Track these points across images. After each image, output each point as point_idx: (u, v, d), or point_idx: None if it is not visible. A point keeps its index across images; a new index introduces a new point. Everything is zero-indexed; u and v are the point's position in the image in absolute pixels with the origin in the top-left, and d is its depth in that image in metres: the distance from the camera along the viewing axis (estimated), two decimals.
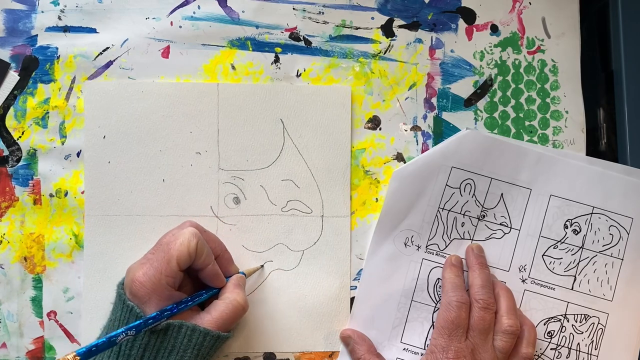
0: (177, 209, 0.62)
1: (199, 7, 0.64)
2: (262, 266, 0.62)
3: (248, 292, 0.61)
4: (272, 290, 0.62)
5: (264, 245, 0.62)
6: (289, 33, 0.64)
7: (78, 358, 0.47)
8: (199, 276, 0.56)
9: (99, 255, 0.61)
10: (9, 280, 0.61)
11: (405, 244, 0.62)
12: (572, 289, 0.62)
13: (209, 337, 0.53)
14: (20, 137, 0.62)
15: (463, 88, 0.65)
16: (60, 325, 0.61)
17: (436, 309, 0.61)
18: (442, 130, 0.64)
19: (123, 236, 0.61)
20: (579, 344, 0.62)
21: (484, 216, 0.62)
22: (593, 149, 0.65)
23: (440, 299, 0.61)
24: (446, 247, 0.62)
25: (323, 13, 0.64)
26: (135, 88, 0.62)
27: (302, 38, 0.64)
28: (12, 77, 0.62)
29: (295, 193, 0.62)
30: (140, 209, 0.61)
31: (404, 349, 0.61)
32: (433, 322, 0.61)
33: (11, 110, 0.62)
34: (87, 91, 0.62)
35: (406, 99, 0.64)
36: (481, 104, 0.65)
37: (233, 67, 0.63)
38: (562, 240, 0.62)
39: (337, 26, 0.64)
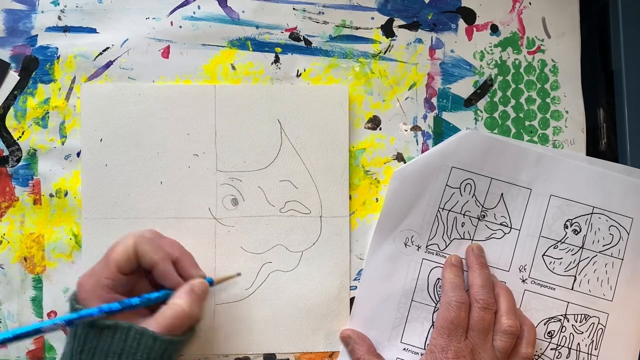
0: (175, 212, 0.61)
1: (199, 7, 0.64)
2: (238, 274, 0.60)
3: (247, 295, 0.62)
4: (271, 291, 0.62)
5: (262, 247, 0.62)
6: (289, 33, 0.64)
7: None
8: (155, 279, 0.56)
9: (97, 259, 0.61)
10: (9, 281, 0.61)
11: (405, 244, 0.62)
12: (572, 289, 0.62)
13: (159, 342, 0.51)
14: (20, 137, 0.62)
15: (463, 88, 0.65)
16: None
17: (436, 309, 0.61)
18: (442, 130, 0.64)
19: None
20: (579, 344, 0.62)
21: (484, 216, 0.62)
22: (593, 149, 0.65)
23: (440, 299, 0.61)
24: (446, 247, 0.62)
25: (323, 13, 0.64)
26: (132, 91, 0.62)
27: (302, 38, 0.64)
28: (12, 77, 0.62)
29: (293, 194, 0.62)
30: (138, 211, 0.61)
31: (404, 349, 0.61)
32: (433, 322, 0.61)
33: (11, 110, 0.62)
34: (84, 94, 0.62)
35: (406, 99, 0.64)
36: (481, 104, 0.65)
37: (233, 67, 0.63)
38: (562, 240, 0.62)
39: (337, 26, 0.64)
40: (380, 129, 0.64)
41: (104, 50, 0.63)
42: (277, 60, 0.64)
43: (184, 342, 0.54)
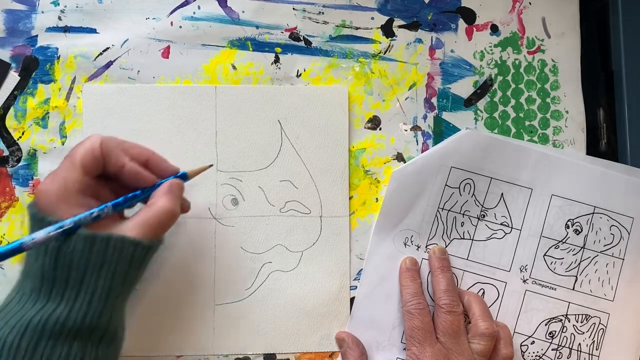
0: None
1: (199, 7, 0.64)
2: (210, 165, 0.58)
3: (247, 295, 0.61)
4: (271, 291, 0.62)
5: (262, 247, 0.62)
6: (289, 33, 0.64)
7: None
8: (124, 184, 0.53)
9: None
10: (9, 281, 0.61)
11: (405, 244, 0.62)
12: (573, 289, 0.62)
13: (141, 248, 0.50)
14: (20, 137, 0.62)
15: (463, 88, 0.65)
16: None
17: None
18: (442, 130, 0.64)
19: None
20: (580, 344, 0.61)
21: (483, 216, 0.62)
22: (593, 149, 0.65)
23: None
24: (446, 247, 0.62)
25: (323, 13, 0.64)
26: (133, 92, 0.62)
27: (302, 38, 0.64)
28: (13, 78, 0.62)
29: (293, 194, 0.62)
30: None
31: (404, 349, 0.61)
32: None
33: (11, 111, 0.62)
34: (85, 94, 0.62)
35: (406, 99, 0.64)
36: (481, 103, 0.65)
37: (234, 67, 0.63)
38: (564, 240, 0.62)
39: (337, 26, 0.64)
40: (380, 129, 0.64)
41: (104, 51, 0.63)
42: (277, 60, 0.64)
43: (159, 245, 0.53)
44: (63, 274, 0.48)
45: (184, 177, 0.56)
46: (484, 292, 0.62)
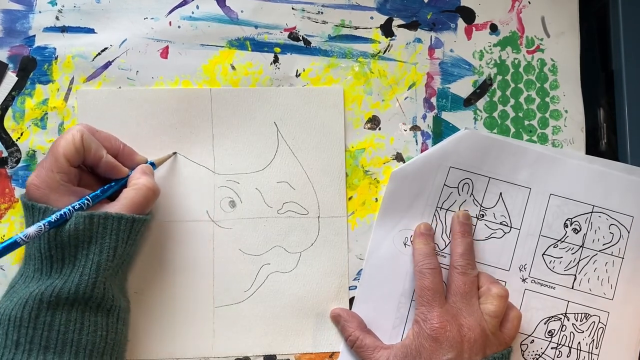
0: (173, 215, 0.61)
1: (197, 7, 0.63)
2: (174, 153, 0.62)
3: (247, 296, 0.61)
4: (270, 292, 0.62)
5: (260, 248, 0.62)
6: (288, 33, 0.64)
7: None
8: (99, 173, 0.57)
9: None
10: (9, 281, 0.60)
11: (405, 244, 0.62)
12: (572, 288, 0.62)
13: (124, 221, 0.54)
14: (19, 138, 0.61)
15: (462, 88, 0.65)
16: None
17: None
18: (441, 130, 0.64)
19: None
20: (579, 342, 0.62)
21: (482, 215, 0.62)
22: (594, 149, 0.65)
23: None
24: (446, 246, 0.62)
25: (322, 13, 0.64)
26: (126, 96, 0.62)
27: (301, 38, 0.64)
28: (10, 78, 0.62)
29: (290, 195, 0.62)
30: None
31: None
32: None
33: (9, 112, 0.62)
34: (80, 99, 0.62)
35: (405, 98, 0.64)
36: (480, 103, 0.65)
37: (233, 68, 0.63)
38: (562, 239, 0.62)
39: (336, 26, 0.64)
40: (379, 129, 0.64)
41: (102, 51, 0.63)
42: (276, 60, 0.64)
43: (146, 220, 0.57)
44: (58, 253, 0.53)
45: (152, 165, 0.60)
46: None
